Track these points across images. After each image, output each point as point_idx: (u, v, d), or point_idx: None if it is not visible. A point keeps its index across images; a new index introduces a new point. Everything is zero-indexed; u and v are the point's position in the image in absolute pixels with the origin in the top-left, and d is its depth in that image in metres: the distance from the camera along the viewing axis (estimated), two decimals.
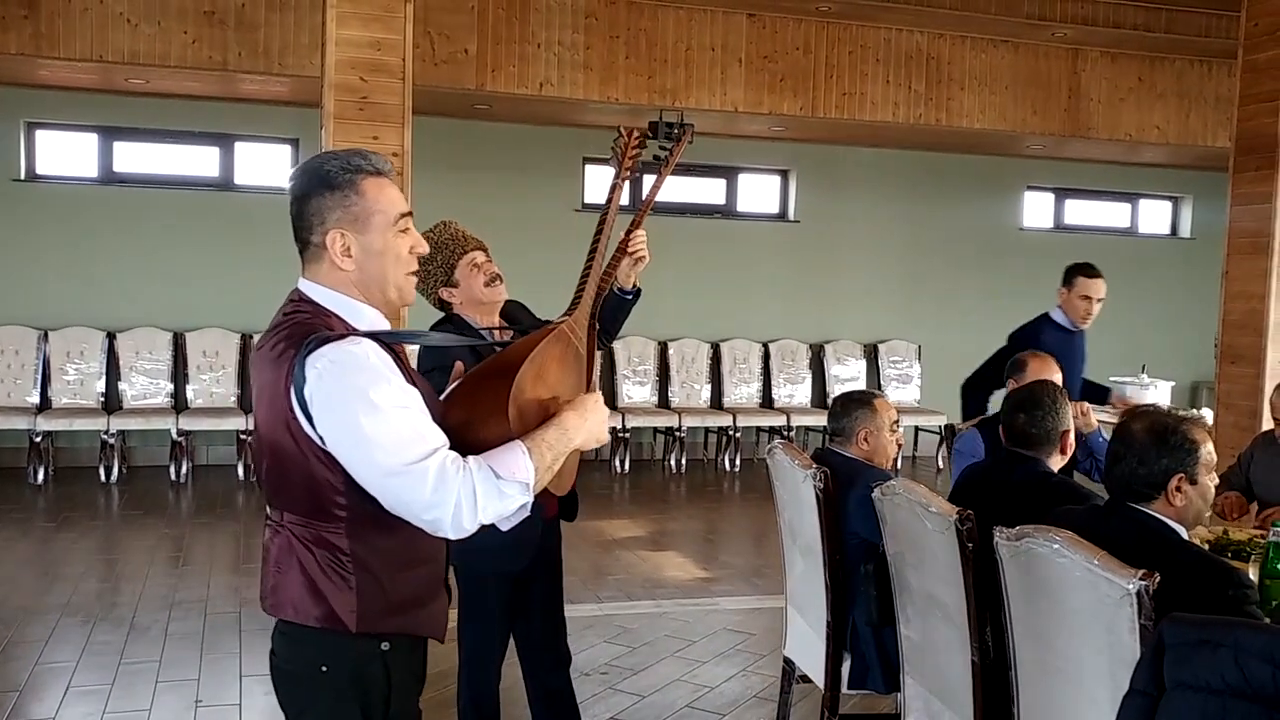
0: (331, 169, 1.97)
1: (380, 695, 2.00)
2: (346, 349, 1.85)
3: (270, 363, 1.92)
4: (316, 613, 1.95)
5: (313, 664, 1.99)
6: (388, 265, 1.99)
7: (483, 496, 1.85)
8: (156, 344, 8.60)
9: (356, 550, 1.94)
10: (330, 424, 1.85)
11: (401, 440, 1.83)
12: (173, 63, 7.09)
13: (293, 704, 2.05)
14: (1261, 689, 1.75)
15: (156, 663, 4.67)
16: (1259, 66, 6.04)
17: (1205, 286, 8.40)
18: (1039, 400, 3.30)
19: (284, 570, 1.98)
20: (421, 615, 2.05)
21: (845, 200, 10.30)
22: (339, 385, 1.83)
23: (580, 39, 7.74)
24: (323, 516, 1.93)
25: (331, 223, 1.96)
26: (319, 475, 1.90)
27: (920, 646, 3.21)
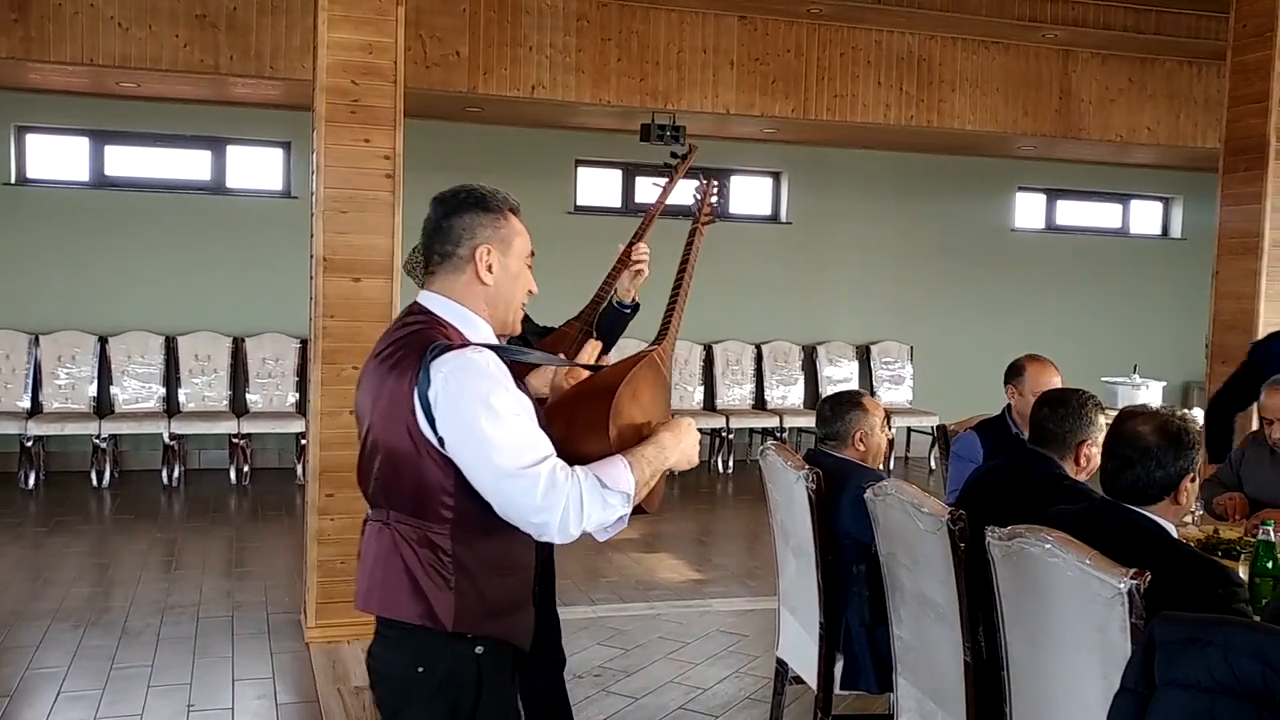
0: (486, 194, 2.15)
1: (470, 698, 2.07)
2: (470, 356, 1.99)
3: (388, 370, 2.05)
4: (416, 610, 2.04)
5: (409, 665, 2.08)
6: (516, 290, 2.17)
7: (589, 504, 1.96)
8: (148, 348, 8.58)
9: (458, 552, 2.03)
10: (452, 426, 1.96)
11: (517, 445, 1.94)
12: (164, 66, 7.08)
13: (389, 704, 2.14)
14: (1251, 686, 1.76)
15: (148, 668, 4.65)
16: (1248, 67, 6.05)
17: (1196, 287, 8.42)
18: (1066, 400, 3.28)
19: (386, 568, 2.08)
20: (512, 621, 2.14)
21: (837, 202, 10.32)
22: (462, 389, 1.95)
23: (572, 41, 7.74)
24: (430, 517, 2.03)
25: (481, 239, 2.12)
26: (431, 477, 2.00)
27: (913, 647, 3.22)
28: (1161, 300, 11.17)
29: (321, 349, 4.99)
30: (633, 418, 2.15)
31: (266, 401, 8.74)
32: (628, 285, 3.31)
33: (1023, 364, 4.27)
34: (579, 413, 2.15)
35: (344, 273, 4.97)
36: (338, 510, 5.04)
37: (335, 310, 4.98)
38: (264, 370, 8.77)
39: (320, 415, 5.01)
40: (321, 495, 5.02)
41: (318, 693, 4.46)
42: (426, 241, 2.17)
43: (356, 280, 4.98)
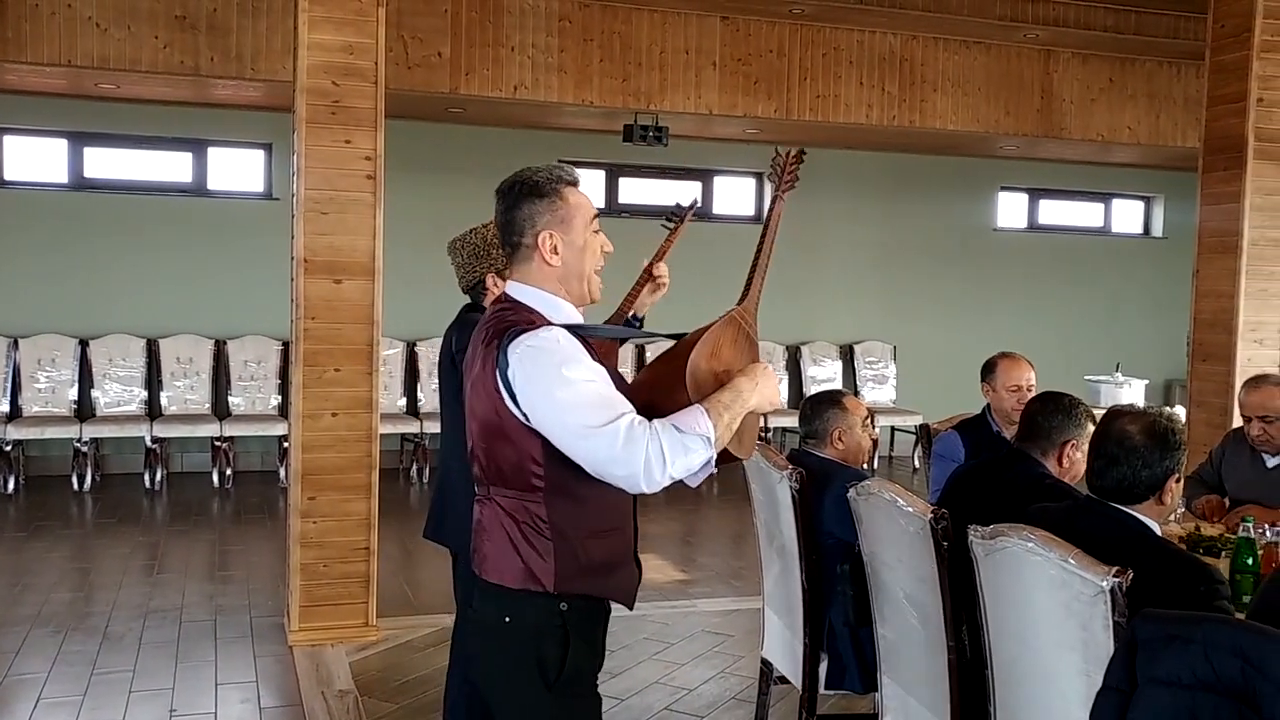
0: (539, 179, 2.27)
1: (557, 653, 2.21)
2: (540, 335, 2.14)
3: (481, 358, 2.22)
4: (519, 575, 2.20)
5: (499, 615, 2.24)
6: (586, 259, 2.30)
7: (669, 450, 2.09)
8: (130, 351, 8.53)
9: (553, 517, 2.19)
10: (531, 398, 2.12)
11: (591, 405, 2.09)
12: (144, 67, 7.03)
13: (478, 656, 2.34)
14: (1231, 683, 1.77)
15: (130, 672, 4.62)
16: (1226, 68, 6.08)
17: (1177, 285, 8.48)
18: (1059, 399, 3.31)
19: (491, 538, 2.25)
20: (612, 580, 2.29)
21: (820, 202, 10.31)
22: (536, 365, 2.11)
23: (554, 42, 7.73)
24: (524, 487, 2.19)
25: (541, 225, 2.26)
26: (521, 451, 2.16)
27: (897, 646, 3.22)
28: (1143, 299, 11.23)
29: (303, 351, 4.96)
30: (713, 369, 2.27)
31: (249, 404, 8.70)
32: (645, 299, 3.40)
33: (994, 361, 4.33)
34: (659, 377, 2.29)
35: (325, 274, 4.95)
36: (320, 513, 5.02)
37: (316, 312, 4.95)
38: (246, 373, 8.73)
39: (302, 418, 4.99)
40: (304, 498, 5.00)
41: (301, 696, 4.44)
42: (500, 235, 2.33)
43: (338, 282, 4.96)
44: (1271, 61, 5.95)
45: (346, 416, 5.02)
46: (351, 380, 5.01)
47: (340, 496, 5.04)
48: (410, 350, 9.11)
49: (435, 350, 8.92)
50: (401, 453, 9.04)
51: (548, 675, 2.21)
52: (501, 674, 2.27)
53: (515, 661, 2.23)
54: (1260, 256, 6.03)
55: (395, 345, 8.93)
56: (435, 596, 5.72)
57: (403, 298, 7.45)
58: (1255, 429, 4.05)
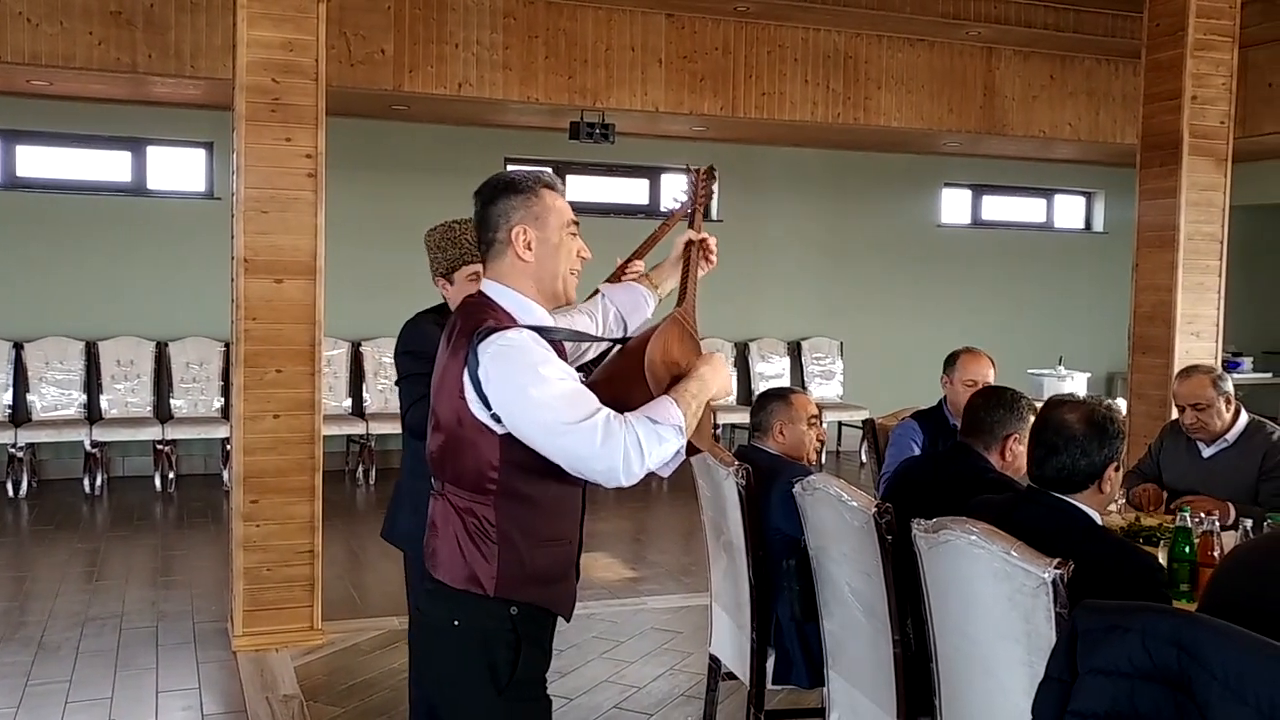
0: (516, 178, 2.30)
1: (508, 657, 2.21)
2: (511, 336, 2.14)
3: (449, 353, 2.22)
4: (462, 575, 2.21)
5: (447, 618, 2.24)
6: (560, 259, 2.29)
7: (646, 442, 2.10)
8: (67, 354, 8.36)
9: (502, 522, 2.19)
10: (504, 398, 2.11)
11: (568, 403, 2.09)
12: (78, 64, 6.88)
13: (426, 653, 2.34)
14: (1168, 671, 1.78)
15: (66, 683, 4.52)
16: (1161, 65, 6.19)
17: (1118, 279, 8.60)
18: (1001, 394, 3.36)
19: (441, 535, 2.26)
20: (554, 590, 2.29)
21: (767, 199, 10.37)
22: (509, 364, 2.11)
23: (499, 39, 7.68)
24: (476, 489, 2.19)
25: (515, 220, 2.26)
26: (479, 452, 2.16)
27: (843, 640, 3.23)
28: (1085, 293, 11.40)
29: (244, 352, 4.89)
30: (666, 365, 2.30)
31: (191, 407, 8.56)
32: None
33: (957, 354, 4.40)
34: (616, 374, 2.32)
35: (266, 274, 4.88)
36: (263, 516, 4.95)
37: (257, 312, 4.88)
38: (188, 375, 8.59)
39: (244, 420, 4.92)
40: (246, 501, 4.92)
41: (245, 702, 4.37)
42: (476, 235, 2.34)
43: (279, 281, 4.89)
44: (1205, 60, 6.07)
45: (289, 418, 4.95)
46: (294, 381, 4.94)
47: (283, 499, 4.97)
48: (355, 350, 9.01)
49: (381, 350, 8.87)
50: (347, 454, 8.94)
51: (499, 680, 2.20)
52: (450, 678, 2.24)
53: (465, 666, 2.21)
54: (1196, 251, 6.15)
55: (340, 345, 8.83)
56: (381, 599, 5.66)
57: (347, 297, 7.37)
58: (1189, 417, 4.14)
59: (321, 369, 5.06)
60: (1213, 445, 4.16)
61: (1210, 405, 4.09)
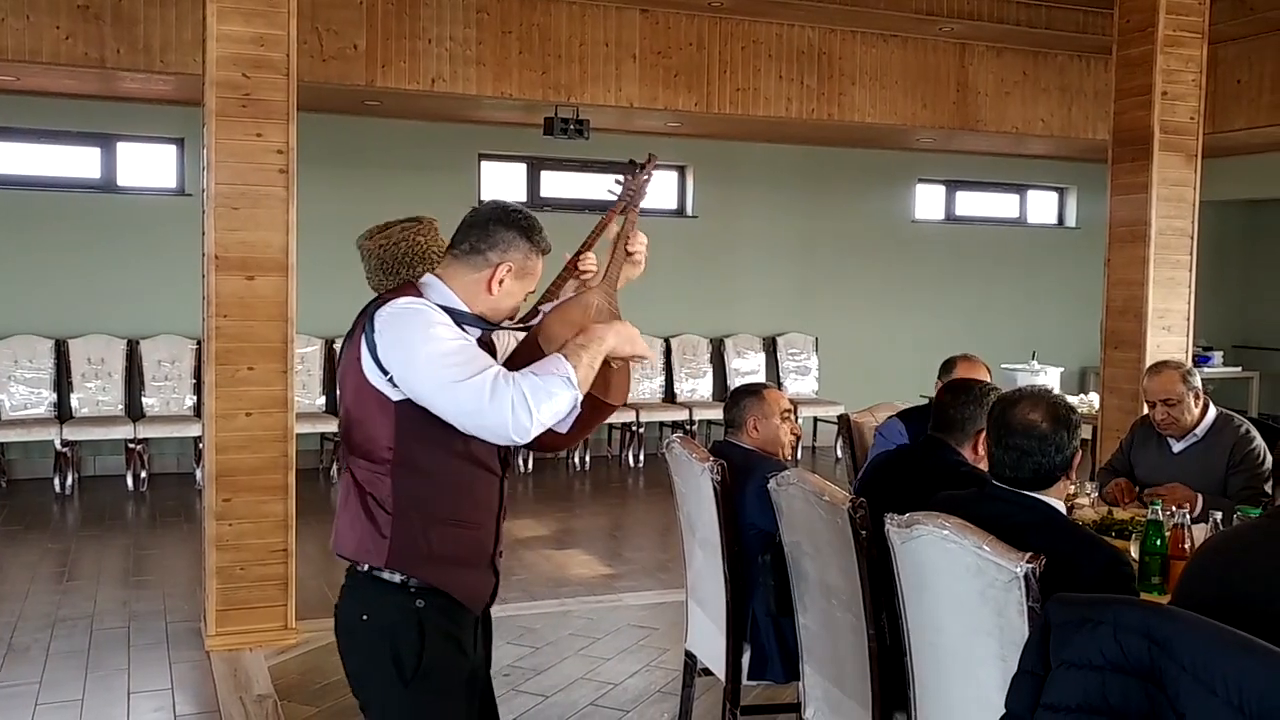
0: (534, 226, 2.37)
1: (412, 649, 2.24)
2: (406, 301, 2.23)
3: (358, 325, 2.27)
4: (353, 546, 2.27)
5: (356, 612, 2.29)
6: (504, 306, 2.36)
7: (532, 396, 2.14)
8: (37, 352, 8.27)
9: (398, 494, 2.22)
10: (396, 357, 2.17)
11: (458, 360, 2.15)
12: (44, 59, 6.80)
13: (342, 650, 2.36)
14: (1139, 663, 1.80)
15: (36, 684, 4.47)
16: (1132, 61, 6.23)
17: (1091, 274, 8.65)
18: (969, 389, 3.37)
19: (343, 508, 2.31)
20: (456, 575, 2.29)
21: (742, 195, 10.37)
22: (401, 325, 2.18)
23: (472, 34, 7.65)
24: (375, 460, 2.23)
25: (510, 258, 2.33)
26: (376, 420, 2.21)
27: (818, 635, 3.24)
28: (1058, 288, 11.47)
29: (215, 349, 4.85)
30: (565, 329, 2.36)
31: (163, 405, 8.49)
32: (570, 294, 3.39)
33: (954, 361, 4.38)
34: (522, 349, 2.39)
35: (237, 270, 4.84)
36: (236, 515, 4.91)
37: (229, 309, 4.84)
38: (160, 373, 8.52)
39: (215, 418, 4.87)
40: (219, 500, 4.88)
41: (219, 702, 4.34)
42: (462, 231, 2.35)
43: (250, 278, 4.85)
44: (1174, 56, 6.11)
45: (261, 416, 4.91)
46: (266, 379, 4.90)
47: (256, 498, 4.93)
48: (329, 347, 8.96)
49: None
50: (321, 452, 8.89)
51: (404, 671, 2.24)
52: (361, 672, 2.31)
53: (372, 658, 2.27)
54: (1167, 246, 6.19)
55: (313, 343, 8.78)
56: None
57: (320, 294, 7.31)
58: (1160, 413, 4.16)
59: (294, 366, 5.03)
60: (1183, 440, 4.20)
61: (1181, 400, 4.12)
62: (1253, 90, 8.63)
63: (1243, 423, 4.19)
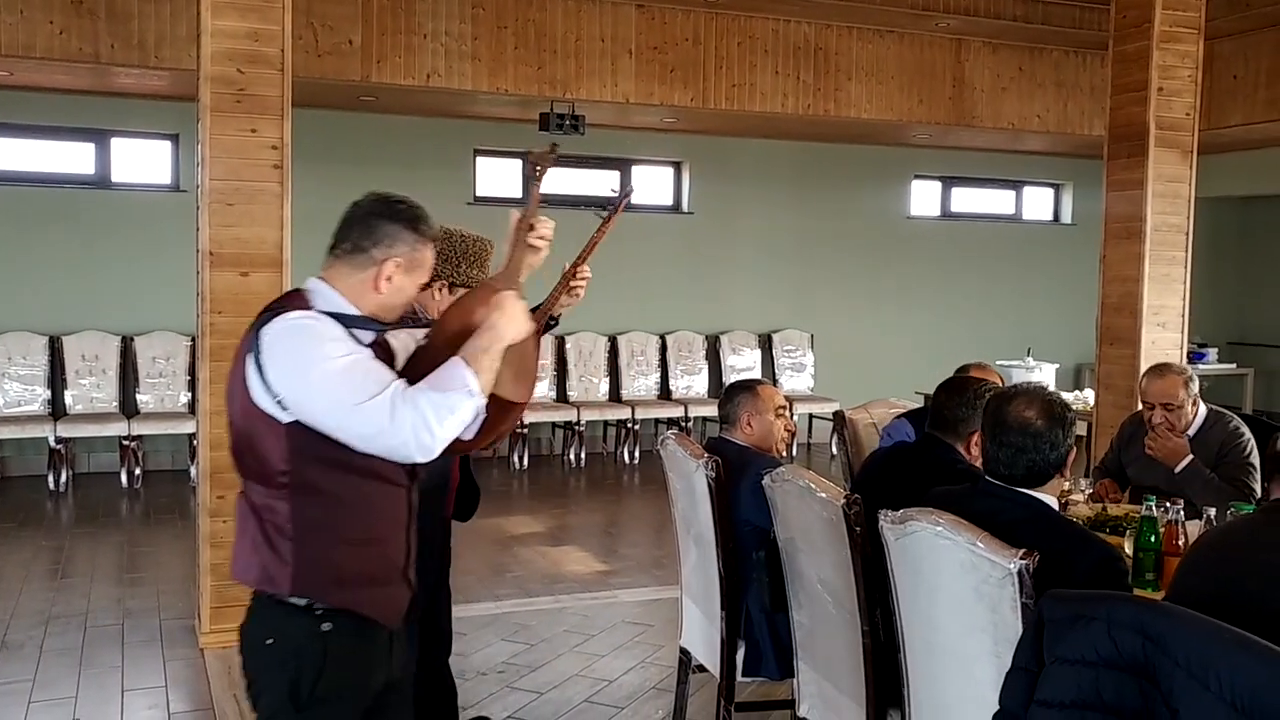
0: (419, 215, 2.26)
1: (311, 674, 2.15)
2: (294, 317, 2.10)
3: (240, 347, 2.17)
4: (256, 574, 2.15)
5: (262, 636, 2.19)
6: (394, 303, 2.24)
7: (434, 412, 2.04)
8: (31, 349, 8.25)
9: (298, 518, 2.11)
10: (286, 381, 2.05)
11: (352, 382, 2.04)
12: (38, 54, 6.77)
13: (248, 671, 2.25)
14: (1132, 659, 1.79)
15: (29, 682, 4.46)
16: (1128, 57, 6.22)
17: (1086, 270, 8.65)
18: (964, 391, 3.36)
19: (240, 534, 2.20)
20: (365, 595, 2.19)
21: (738, 191, 10.37)
22: (290, 344, 2.06)
23: (468, 29, 7.63)
24: (269, 483, 2.12)
25: (397, 253, 2.20)
26: (267, 443, 2.09)
27: (812, 631, 3.24)
28: (1054, 284, 11.47)
29: (209, 346, 4.83)
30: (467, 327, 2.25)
31: (158, 402, 8.47)
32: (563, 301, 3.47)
33: (967, 370, 4.34)
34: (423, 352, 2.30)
35: (231, 267, 4.82)
36: (230, 512, 4.82)
37: (223, 306, 4.82)
38: (154, 370, 8.50)
39: (210, 415, 4.86)
40: (213, 497, 4.87)
41: (212, 700, 4.33)
42: (343, 228, 2.23)
43: (245, 274, 4.83)
44: (1171, 51, 6.11)
45: None
46: None
47: None
48: None
49: None
50: None
51: (298, 696, 2.15)
52: (258, 693, 2.22)
53: (271, 681, 2.18)
54: (1162, 242, 6.19)
55: None
56: None
57: None
58: (1158, 416, 4.12)
59: None
60: None
61: (1180, 406, 4.11)
62: (1249, 86, 8.63)
63: (1233, 419, 4.19)
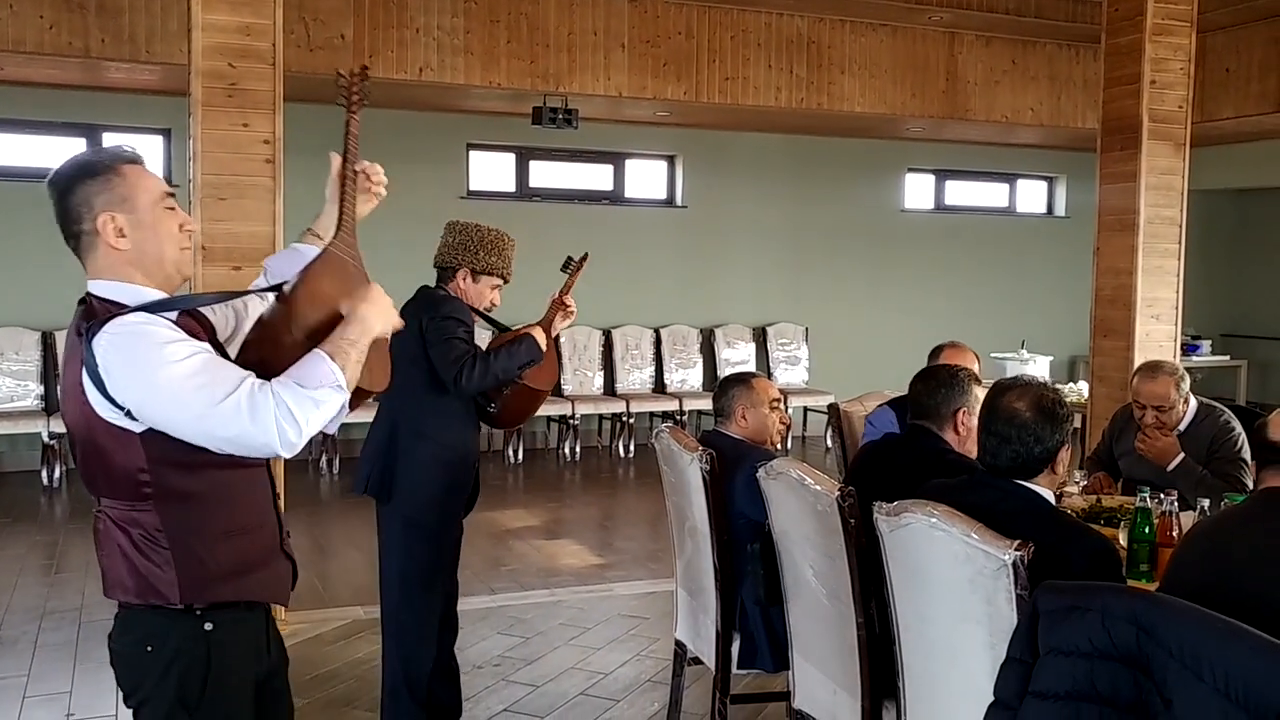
0: (90, 159, 2.08)
1: (198, 675, 2.07)
2: (123, 322, 1.94)
3: (65, 365, 2.04)
4: (139, 590, 2.03)
5: (139, 644, 2.07)
6: (162, 240, 2.07)
7: (298, 410, 1.95)
8: (23, 344, 8.23)
9: (169, 525, 2.02)
10: (131, 391, 1.92)
11: (203, 383, 1.92)
12: (28, 49, 6.75)
13: (125, 683, 2.13)
14: (1126, 650, 1.80)
15: (24, 677, 4.46)
16: (1120, 50, 6.23)
17: (1080, 263, 8.68)
18: (938, 374, 3.39)
19: (108, 554, 2.07)
20: (252, 581, 2.13)
21: (731, 185, 10.37)
22: (127, 353, 1.91)
23: (460, 23, 7.61)
24: (132, 496, 2.01)
25: (99, 206, 2.02)
26: (121, 457, 1.98)
27: (807, 624, 3.24)
28: (1047, 277, 11.49)
29: None
30: (318, 308, 2.12)
31: None
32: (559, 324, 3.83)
33: (942, 349, 4.37)
34: (267, 333, 2.12)
35: (224, 261, 4.82)
36: None
37: None
38: None
39: None
40: None
41: None
42: (61, 229, 2.09)
43: (237, 269, 4.82)
44: (1163, 44, 6.12)
45: None
46: None
47: None
48: None
49: None
50: (310, 444, 8.84)
51: (188, 699, 2.08)
52: (142, 703, 2.11)
53: (156, 689, 2.07)
54: (1155, 234, 6.21)
55: None
56: (345, 589, 5.62)
57: None
58: (1150, 417, 4.11)
59: None
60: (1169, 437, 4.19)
61: (1173, 407, 4.11)
62: (1241, 79, 8.65)
63: (1223, 412, 4.19)
